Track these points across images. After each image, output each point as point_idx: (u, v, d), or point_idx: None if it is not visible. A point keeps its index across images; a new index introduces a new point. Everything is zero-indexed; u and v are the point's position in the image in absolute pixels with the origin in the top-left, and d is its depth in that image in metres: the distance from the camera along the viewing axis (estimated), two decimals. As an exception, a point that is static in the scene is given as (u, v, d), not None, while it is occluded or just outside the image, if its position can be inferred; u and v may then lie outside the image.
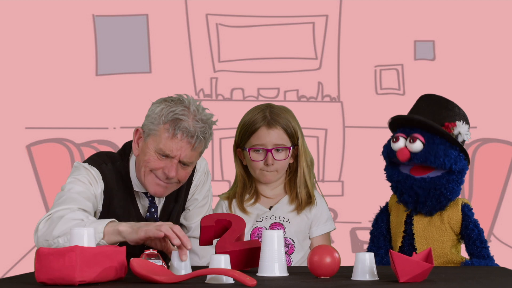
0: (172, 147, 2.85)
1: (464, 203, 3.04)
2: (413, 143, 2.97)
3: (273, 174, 3.12)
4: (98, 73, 4.81)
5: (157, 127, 2.86)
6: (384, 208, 3.20)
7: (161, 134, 2.85)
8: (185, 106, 2.86)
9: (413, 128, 3.00)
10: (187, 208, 3.15)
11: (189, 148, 2.86)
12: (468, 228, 3.01)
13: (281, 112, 3.13)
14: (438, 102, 3.02)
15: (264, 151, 3.10)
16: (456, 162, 2.98)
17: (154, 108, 2.90)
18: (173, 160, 2.87)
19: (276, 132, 3.10)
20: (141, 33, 4.82)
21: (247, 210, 3.14)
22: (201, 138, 2.87)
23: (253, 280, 2.26)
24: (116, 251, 2.37)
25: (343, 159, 4.82)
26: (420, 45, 4.84)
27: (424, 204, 3.01)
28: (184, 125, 2.83)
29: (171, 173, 2.87)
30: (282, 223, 3.13)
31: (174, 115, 2.84)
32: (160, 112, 2.86)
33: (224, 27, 4.83)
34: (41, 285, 2.30)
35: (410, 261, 2.37)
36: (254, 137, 3.11)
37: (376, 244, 3.16)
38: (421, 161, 2.98)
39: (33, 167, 4.77)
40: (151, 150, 2.88)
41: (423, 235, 3.04)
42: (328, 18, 4.85)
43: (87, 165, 2.96)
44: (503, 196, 4.80)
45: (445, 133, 2.96)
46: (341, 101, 4.84)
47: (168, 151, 2.85)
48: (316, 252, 2.50)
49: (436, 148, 2.96)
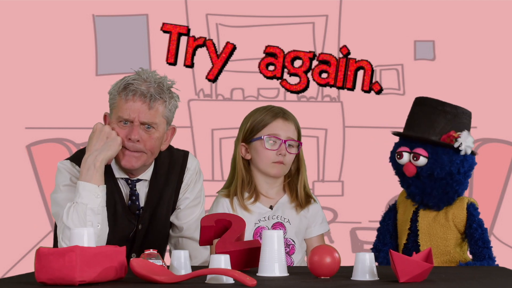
0: (128, 109, 2.96)
1: (470, 202, 3.05)
2: (416, 160, 2.99)
3: (281, 167, 3.13)
4: (98, 73, 4.81)
5: (115, 100, 3.00)
6: (393, 206, 3.20)
7: (119, 103, 2.98)
8: (137, 74, 3.01)
9: (414, 141, 3.01)
10: (178, 207, 3.17)
11: (145, 108, 2.96)
12: (472, 227, 3.01)
13: (289, 112, 3.19)
14: (434, 108, 3.02)
15: (278, 141, 3.11)
16: (463, 164, 2.99)
17: (111, 88, 3.05)
18: (133, 124, 2.96)
19: (291, 126, 3.14)
20: (141, 33, 4.82)
21: (249, 208, 3.13)
22: (156, 97, 2.96)
23: (253, 280, 2.26)
24: (116, 251, 2.38)
25: (343, 159, 4.82)
26: (420, 45, 4.84)
27: (431, 195, 3.01)
28: (134, 87, 2.96)
29: (133, 135, 2.95)
30: (283, 223, 3.14)
31: (126, 82, 2.98)
32: (115, 86, 3.01)
33: (224, 27, 4.83)
34: (41, 285, 2.30)
35: (410, 261, 2.37)
36: (269, 128, 3.13)
37: (382, 241, 3.16)
38: (429, 173, 2.99)
39: (33, 167, 4.78)
40: (114, 123, 2.99)
41: (427, 232, 3.04)
42: (328, 18, 4.85)
43: (69, 163, 3.06)
44: (503, 196, 4.81)
45: (446, 145, 2.97)
46: (341, 101, 4.84)
47: (126, 115, 2.96)
48: (316, 252, 2.50)
49: (441, 159, 2.98)
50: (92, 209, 2.89)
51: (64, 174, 3.04)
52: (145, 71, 3.01)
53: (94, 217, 2.89)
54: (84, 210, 2.88)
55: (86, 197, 2.89)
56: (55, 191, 3.04)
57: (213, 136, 4.81)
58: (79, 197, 2.90)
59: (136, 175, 3.08)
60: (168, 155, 3.14)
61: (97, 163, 2.92)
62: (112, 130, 2.98)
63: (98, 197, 2.91)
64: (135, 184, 3.09)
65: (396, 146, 3.08)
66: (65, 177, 3.03)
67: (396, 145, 3.08)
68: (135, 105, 2.96)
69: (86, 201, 2.89)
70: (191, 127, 4.83)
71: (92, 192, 2.90)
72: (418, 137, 2.99)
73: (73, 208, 2.88)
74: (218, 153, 4.79)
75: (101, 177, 2.93)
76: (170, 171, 3.13)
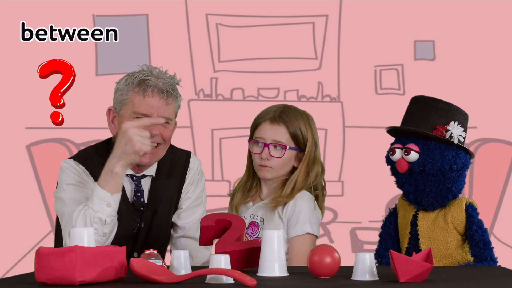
0: (146, 104, 2.95)
1: (468, 203, 3.03)
2: (408, 155, 2.99)
3: (268, 170, 3.11)
4: (98, 73, 4.81)
5: (127, 96, 2.97)
6: (393, 210, 3.19)
7: (133, 99, 2.96)
8: (147, 71, 2.99)
9: (408, 137, 3.01)
10: (180, 207, 3.17)
11: (163, 103, 2.96)
12: (472, 229, 3.00)
13: (294, 114, 3.13)
14: (427, 104, 3.03)
15: (262, 144, 3.10)
16: (456, 161, 2.98)
17: (118, 84, 3.02)
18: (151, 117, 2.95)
19: (278, 129, 3.10)
20: (141, 33, 4.82)
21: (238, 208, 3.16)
22: (172, 93, 2.98)
23: (253, 280, 2.26)
24: (116, 251, 2.38)
25: (343, 159, 4.82)
26: (420, 45, 4.84)
27: (424, 192, 3.00)
28: (151, 83, 2.95)
29: (154, 130, 2.94)
30: (258, 223, 3.12)
31: (140, 78, 2.96)
32: (126, 82, 2.98)
33: (224, 27, 4.83)
34: (41, 285, 2.30)
35: (410, 261, 2.37)
36: (257, 130, 3.13)
37: (385, 246, 3.15)
38: (420, 169, 2.99)
39: (33, 167, 4.78)
40: (127, 119, 2.96)
41: (427, 236, 3.03)
42: (328, 18, 4.85)
43: (72, 162, 3.04)
44: (503, 196, 4.80)
45: (437, 138, 2.97)
46: (341, 101, 4.84)
47: (144, 111, 2.94)
48: (316, 252, 2.50)
49: (432, 153, 2.97)
50: (100, 218, 2.85)
51: (68, 173, 3.03)
52: (152, 68, 3.02)
53: (101, 227, 2.85)
54: (92, 218, 2.86)
55: (97, 204, 2.85)
56: (58, 190, 3.03)
57: (213, 136, 4.80)
58: (91, 202, 2.88)
59: (142, 170, 3.08)
60: (170, 154, 3.14)
61: (115, 169, 2.87)
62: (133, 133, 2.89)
63: (109, 206, 2.86)
64: (140, 180, 3.09)
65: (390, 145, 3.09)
66: (69, 176, 3.02)
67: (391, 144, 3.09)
68: (153, 101, 2.95)
69: (97, 208, 2.85)
70: (191, 127, 4.83)
71: (104, 200, 2.86)
72: (410, 130, 2.99)
73: (83, 212, 2.87)
74: (218, 153, 4.79)
75: (117, 184, 2.88)
76: (172, 170, 3.14)
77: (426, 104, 3.03)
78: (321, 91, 4.84)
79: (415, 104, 3.06)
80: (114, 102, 3.03)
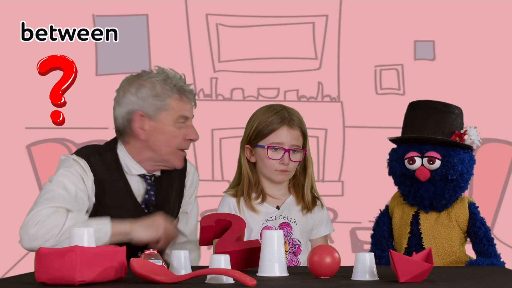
0: (188, 109, 3.06)
1: (470, 201, 3.08)
2: (432, 164, 2.99)
3: (286, 174, 3.12)
4: (98, 73, 4.81)
5: (165, 101, 3.00)
6: (385, 211, 3.19)
7: (175, 104, 3.02)
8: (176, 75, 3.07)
9: (422, 144, 3.01)
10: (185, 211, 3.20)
11: (193, 107, 3.11)
12: (475, 226, 3.03)
13: (296, 114, 3.15)
14: (437, 109, 3.02)
15: (282, 150, 3.10)
16: (471, 164, 3.02)
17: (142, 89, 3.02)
18: (187, 122, 3.04)
19: (296, 133, 3.11)
20: (141, 33, 4.82)
21: (256, 209, 3.13)
22: None
23: (253, 280, 2.26)
24: (116, 251, 2.38)
25: (343, 159, 4.82)
26: (420, 45, 4.84)
27: (443, 197, 3.01)
28: (187, 88, 3.06)
29: (195, 135, 3.05)
30: (290, 223, 3.13)
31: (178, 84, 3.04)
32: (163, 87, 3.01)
33: (224, 27, 4.83)
34: (41, 285, 2.30)
35: (410, 261, 2.37)
36: (273, 135, 3.10)
37: (380, 247, 3.16)
38: (441, 176, 3.00)
39: (33, 167, 4.77)
40: (169, 125, 3.00)
41: (431, 234, 3.04)
42: (328, 18, 4.85)
43: (75, 156, 3.03)
44: (503, 196, 4.81)
45: (458, 144, 2.98)
46: (341, 101, 4.84)
47: (187, 114, 3.04)
48: (316, 252, 2.50)
49: (452, 160, 2.99)
50: None
51: (70, 162, 3.00)
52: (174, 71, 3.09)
53: None
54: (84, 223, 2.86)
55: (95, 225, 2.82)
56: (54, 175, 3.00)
57: (213, 136, 4.80)
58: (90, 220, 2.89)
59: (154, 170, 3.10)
60: None
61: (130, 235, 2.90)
62: None
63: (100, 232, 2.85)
64: (152, 179, 3.09)
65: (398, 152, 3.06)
66: (68, 166, 2.99)
67: (399, 151, 3.06)
68: (190, 105, 3.07)
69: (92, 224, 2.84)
70: (191, 127, 4.82)
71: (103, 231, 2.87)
72: (433, 138, 2.99)
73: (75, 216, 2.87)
74: (218, 153, 4.79)
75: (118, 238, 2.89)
76: (172, 172, 3.14)
77: (436, 109, 3.02)
78: (321, 91, 4.84)
79: (423, 109, 3.04)
80: (142, 107, 3.00)
